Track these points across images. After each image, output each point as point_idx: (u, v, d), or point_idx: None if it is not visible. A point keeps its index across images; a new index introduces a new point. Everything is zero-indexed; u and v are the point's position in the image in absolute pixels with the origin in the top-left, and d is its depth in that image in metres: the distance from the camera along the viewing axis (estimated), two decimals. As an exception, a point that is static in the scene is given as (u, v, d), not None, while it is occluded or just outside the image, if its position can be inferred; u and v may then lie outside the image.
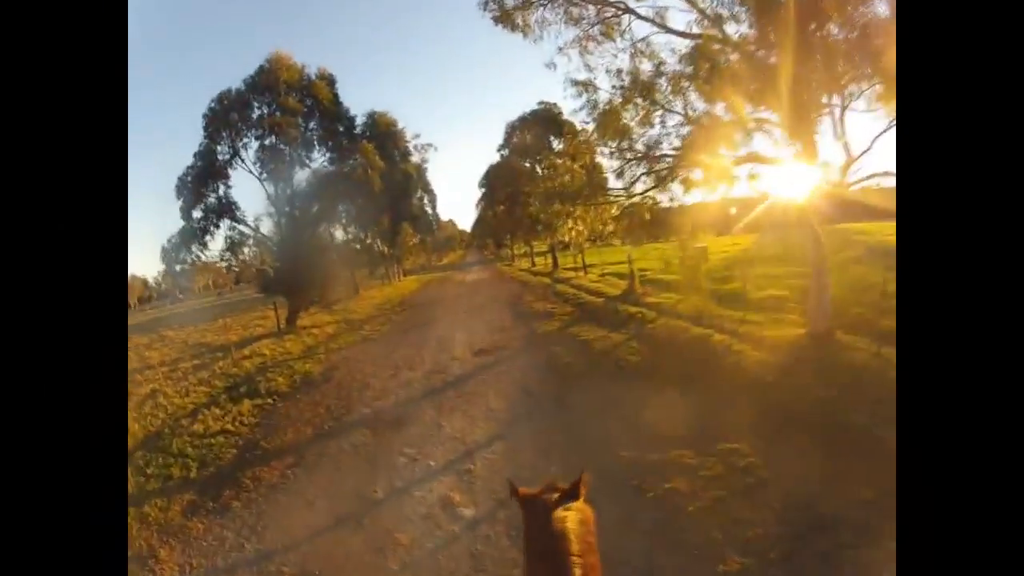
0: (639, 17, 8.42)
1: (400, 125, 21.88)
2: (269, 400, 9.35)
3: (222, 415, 8.62)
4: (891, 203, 7.93)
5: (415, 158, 25.18)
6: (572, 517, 1.60)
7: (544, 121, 26.99)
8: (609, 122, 8.41)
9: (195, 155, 15.88)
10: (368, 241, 23.53)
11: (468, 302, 19.50)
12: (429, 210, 29.37)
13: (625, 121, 8.44)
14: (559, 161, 10.63)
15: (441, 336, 12.85)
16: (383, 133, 19.89)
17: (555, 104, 26.90)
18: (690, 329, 9.67)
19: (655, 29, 8.36)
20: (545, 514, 1.62)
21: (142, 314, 39.46)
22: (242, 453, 6.95)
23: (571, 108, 9.07)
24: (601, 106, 8.63)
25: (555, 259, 29.71)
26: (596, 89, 8.88)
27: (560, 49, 9.75)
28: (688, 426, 5.60)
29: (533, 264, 35.75)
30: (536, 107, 27.50)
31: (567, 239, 11.68)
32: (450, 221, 47.90)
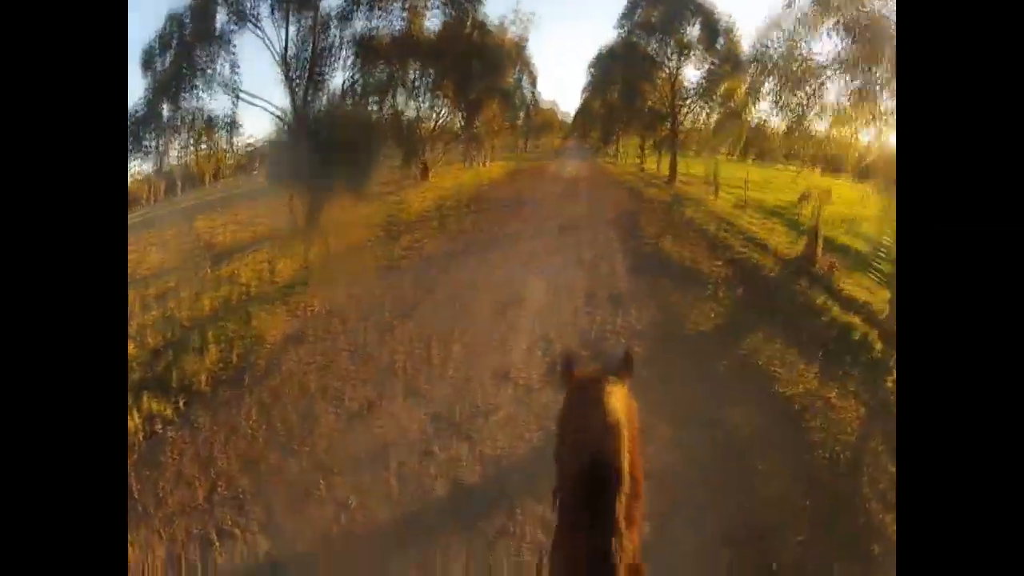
0: None
1: None
2: (168, 410, 4.89)
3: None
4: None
5: (514, 30, 18.73)
6: (619, 395, 1.46)
7: (676, -2, 19.50)
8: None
9: (189, 7, 10.84)
10: (438, 119, 18.19)
11: (560, 213, 13.68)
12: (528, 90, 22.82)
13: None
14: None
15: (503, 283, 7.67)
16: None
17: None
18: None
19: None
20: (593, 387, 1.48)
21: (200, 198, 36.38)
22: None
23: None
24: None
25: (673, 167, 22.89)
26: None
27: None
28: None
29: (642, 167, 29.09)
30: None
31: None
32: (552, 104, 40.41)
